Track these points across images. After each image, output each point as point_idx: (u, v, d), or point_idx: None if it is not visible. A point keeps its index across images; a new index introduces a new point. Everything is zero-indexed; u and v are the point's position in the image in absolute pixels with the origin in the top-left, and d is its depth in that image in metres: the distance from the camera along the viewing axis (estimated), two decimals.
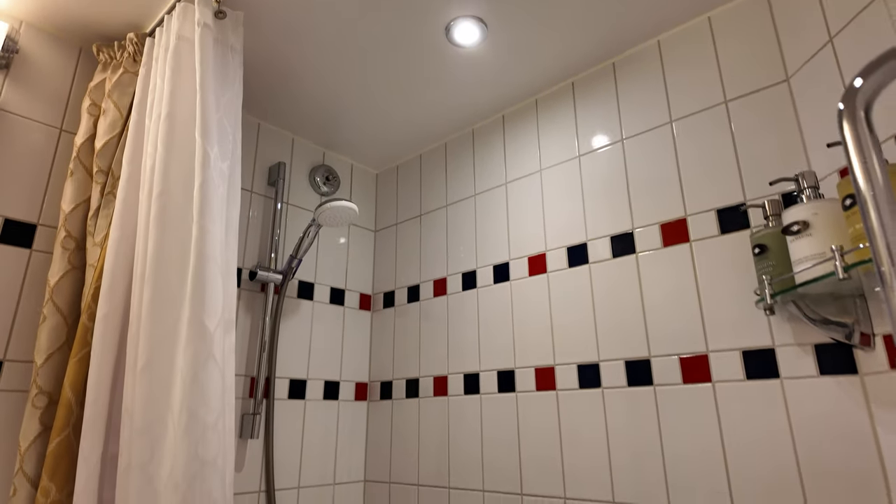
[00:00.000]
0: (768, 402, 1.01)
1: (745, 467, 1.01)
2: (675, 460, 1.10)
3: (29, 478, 1.00)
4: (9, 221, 1.16)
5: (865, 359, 0.92)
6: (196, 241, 0.97)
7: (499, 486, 1.36)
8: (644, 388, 1.18)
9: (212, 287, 0.96)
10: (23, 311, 1.14)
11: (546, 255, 1.43)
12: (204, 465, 0.86)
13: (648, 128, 1.31)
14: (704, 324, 1.12)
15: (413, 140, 1.84)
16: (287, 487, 1.50)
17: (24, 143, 1.21)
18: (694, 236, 1.18)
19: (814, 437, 0.95)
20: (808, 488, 0.94)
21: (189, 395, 0.89)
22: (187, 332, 0.92)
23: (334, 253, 1.81)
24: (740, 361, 1.06)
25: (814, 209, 0.86)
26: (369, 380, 1.80)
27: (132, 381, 0.95)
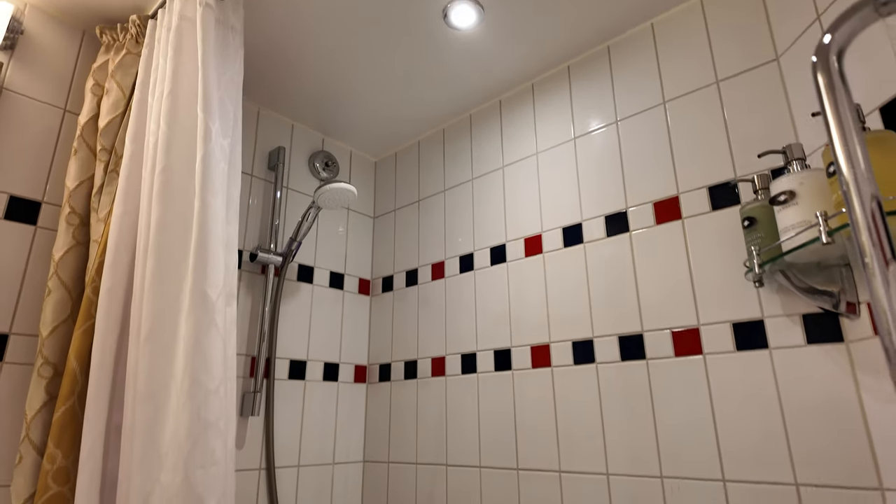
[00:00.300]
0: (757, 371, 1.03)
1: (734, 435, 1.03)
2: (667, 431, 1.12)
3: (35, 445, 1.02)
4: (14, 199, 1.18)
5: (851, 327, 0.94)
6: (198, 214, 0.99)
7: (495, 462, 1.39)
8: (637, 362, 1.20)
9: (213, 258, 0.98)
10: (28, 286, 1.17)
11: (542, 237, 1.45)
12: (207, 426, 0.88)
13: (642, 109, 1.33)
14: (696, 298, 1.14)
15: (411, 127, 1.86)
16: (287, 465, 1.52)
17: (28, 122, 1.23)
18: (686, 213, 1.20)
19: (801, 404, 0.97)
20: (795, 453, 0.96)
21: (191, 362, 0.91)
22: (190, 301, 0.94)
23: (334, 239, 1.83)
24: (730, 333, 1.08)
25: (800, 179, 0.89)
26: (368, 362, 1.82)
27: (135, 350, 0.98)
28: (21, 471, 1.01)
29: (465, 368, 1.54)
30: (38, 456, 1.02)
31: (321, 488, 1.58)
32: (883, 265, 0.47)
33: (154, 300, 0.97)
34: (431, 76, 1.59)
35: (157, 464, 0.89)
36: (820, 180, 0.88)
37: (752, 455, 1.01)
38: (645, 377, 1.18)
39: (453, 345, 1.59)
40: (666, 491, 1.10)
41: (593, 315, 1.30)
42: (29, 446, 1.02)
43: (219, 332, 0.95)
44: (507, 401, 1.41)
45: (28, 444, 1.02)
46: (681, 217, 1.21)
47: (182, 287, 0.98)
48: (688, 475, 1.08)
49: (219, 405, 0.92)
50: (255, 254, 1.55)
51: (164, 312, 0.96)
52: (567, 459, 1.26)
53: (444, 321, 1.63)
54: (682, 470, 1.08)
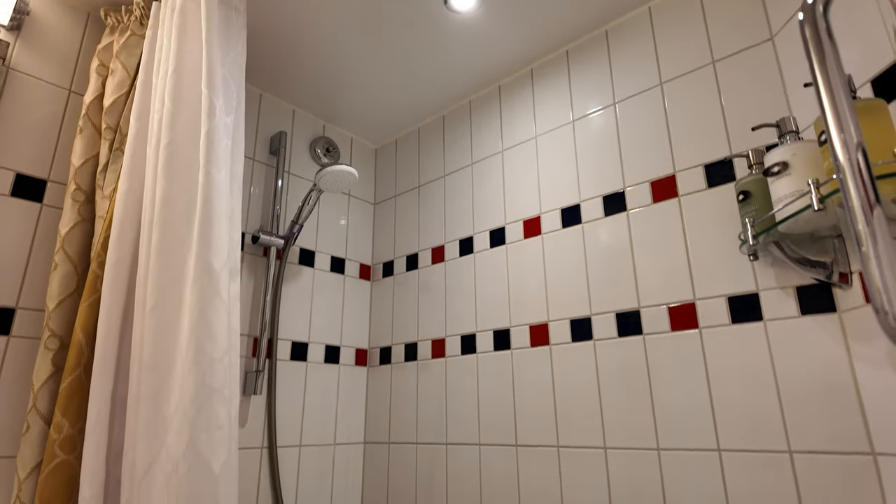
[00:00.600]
0: (752, 343, 1.05)
1: (729, 406, 1.05)
2: (663, 404, 1.14)
3: (42, 415, 1.04)
4: (20, 176, 1.20)
5: (843, 297, 0.96)
6: (202, 188, 1.01)
7: (494, 440, 1.41)
8: (634, 337, 1.22)
9: (218, 231, 1.00)
10: (34, 262, 1.18)
11: (541, 218, 1.47)
12: (212, 392, 0.90)
13: (640, 91, 1.35)
14: (692, 274, 1.16)
15: (411, 113, 1.88)
16: (289, 445, 1.54)
17: (34, 102, 1.25)
18: (682, 191, 1.22)
19: (795, 374, 0.99)
20: (789, 421, 0.98)
21: (196, 331, 0.93)
22: (194, 271, 0.96)
23: (335, 225, 1.85)
24: (726, 307, 1.10)
25: (793, 150, 0.90)
26: (369, 346, 1.84)
27: (141, 321, 1.00)
28: (28, 440, 1.02)
29: (464, 349, 1.55)
30: (44, 425, 1.04)
31: (322, 468, 1.60)
32: (867, 209, 0.49)
33: (159, 272, 0.99)
34: (432, 61, 1.60)
35: (162, 429, 0.91)
36: (812, 151, 0.89)
37: (746, 425, 1.03)
38: (642, 352, 1.20)
39: (453, 326, 1.60)
40: (663, 462, 1.11)
41: (591, 294, 1.32)
42: (36, 416, 1.04)
43: (223, 302, 0.97)
44: (507, 379, 1.43)
45: (35, 414, 1.04)
46: (677, 195, 1.22)
47: (187, 259, 1.00)
48: (684, 446, 1.09)
49: (223, 373, 0.93)
50: (258, 236, 1.57)
51: (169, 284, 0.98)
52: (565, 434, 1.27)
53: (445, 304, 1.65)
54: (679, 441, 1.10)
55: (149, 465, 0.90)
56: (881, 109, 0.80)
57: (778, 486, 0.97)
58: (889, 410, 0.86)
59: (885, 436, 0.87)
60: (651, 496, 1.11)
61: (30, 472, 1.01)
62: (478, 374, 1.50)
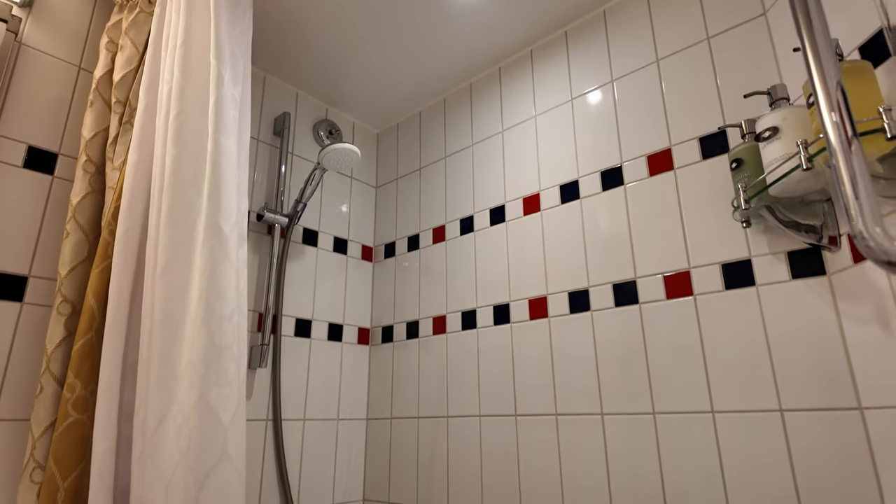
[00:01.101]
0: (745, 308, 1.08)
1: (722, 367, 1.08)
2: (658, 369, 1.17)
3: (55, 376, 1.07)
4: (32, 149, 1.23)
5: (832, 259, 0.99)
6: (211, 154, 1.04)
7: (494, 410, 1.44)
8: (630, 306, 1.25)
9: (227, 195, 1.03)
10: (45, 232, 1.21)
11: (540, 195, 1.50)
12: (222, 349, 0.93)
13: (636, 68, 1.38)
14: (687, 243, 1.19)
15: (413, 97, 1.91)
16: (293, 418, 1.57)
17: (45, 77, 1.28)
18: (678, 164, 1.25)
19: (785, 335, 1.02)
20: (780, 381, 1.01)
21: (206, 291, 0.96)
22: (204, 233, 0.99)
23: (337, 207, 1.88)
24: (720, 274, 1.13)
25: (783, 115, 0.94)
26: (371, 325, 1.87)
27: (151, 285, 1.02)
28: (42, 401, 1.05)
29: (465, 325, 1.58)
30: (57, 387, 1.07)
31: (326, 441, 1.63)
32: (846, 142, 0.52)
33: (169, 236, 1.02)
34: (433, 43, 1.63)
35: (173, 385, 0.94)
36: (802, 115, 0.92)
37: (739, 386, 1.06)
38: (638, 321, 1.23)
39: (454, 303, 1.63)
40: (658, 426, 1.15)
41: (589, 266, 1.35)
42: (49, 378, 1.07)
43: (232, 264, 1.00)
44: (506, 352, 1.46)
45: (48, 376, 1.07)
46: (673, 168, 1.25)
47: (196, 223, 1.02)
48: (678, 409, 1.12)
49: (232, 331, 0.97)
50: (262, 214, 1.60)
51: (179, 247, 1.01)
52: (563, 402, 1.30)
53: (445, 282, 1.68)
54: (673, 405, 1.13)
55: (160, 419, 0.93)
56: (867, 71, 0.83)
57: (769, 444, 1.00)
58: (875, 366, 0.89)
59: (872, 390, 0.90)
60: (647, 459, 1.14)
61: (44, 431, 1.04)
62: (478, 348, 1.53)
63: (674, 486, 1.10)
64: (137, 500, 0.92)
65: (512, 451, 1.37)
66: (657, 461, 1.13)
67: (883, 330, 0.87)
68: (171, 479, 0.88)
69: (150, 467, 0.91)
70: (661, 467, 1.12)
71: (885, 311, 0.87)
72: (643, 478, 1.14)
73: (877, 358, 0.88)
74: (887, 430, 0.86)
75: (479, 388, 1.49)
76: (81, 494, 1.01)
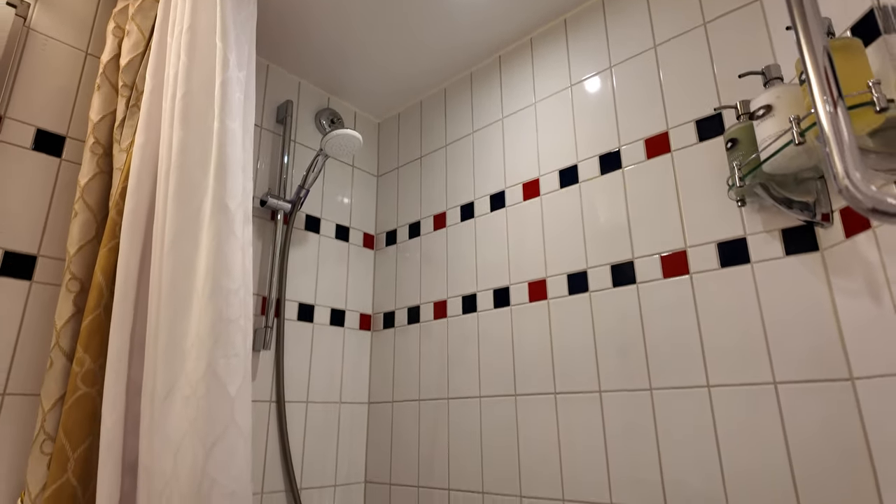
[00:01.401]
0: (740, 284, 1.10)
1: (717, 342, 1.11)
2: (655, 346, 1.19)
3: (64, 351, 1.09)
4: (40, 132, 1.25)
5: (825, 235, 1.01)
6: (217, 134, 1.06)
7: (494, 391, 1.46)
8: (628, 287, 1.27)
9: (232, 175, 1.05)
10: (53, 213, 1.24)
11: (539, 180, 1.53)
12: (229, 322, 0.96)
13: (634, 54, 1.40)
14: (683, 223, 1.22)
15: (413, 86, 1.93)
16: (296, 400, 1.59)
17: (53, 62, 1.30)
18: (675, 146, 1.27)
19: (779, 310, 1.04)
20: (774, 355, 1.03)
21: (213, 266, 0.99)
22: (211, 210, 1.02)
23: (339, 196, 1.90)
24: (715, 252, 1.16)
25: (776, 93, 0.96)
26: (373, 312, 1.89)
27: (159, 262, 1.05)
28: (51, 375, 1.08)
29: (465, 309, 1.61)
30: (67, 361, 1.09)
31: (328, 423, 1.65)
32: (831, 102, 0.54)
33: (176, 214, 1.04)
34: (434, 32, 1.65)
35: (181, 357, 0.96)
36: (794, 93, 0.95)
37: (733, 361, 1.08)
38: (635, 300, 1.25)
39: (454, 288, 1.66)
40: (655, 401, 1.17)
41: (587, 249, 1.37)
42: (59, 352, 1.09)
43: (238, 241, 1.03)
44: (506, 334, 1.48)
45: (58, 351, 1.09)
46: (670, 150, 1.28)
47: (203, 202, 1.05)
48: (675, 385, 1.15)
49: (239, 305, 0.99)
50: (265, 200, 1.62)
51: (185, 225, 1.03)
52: (562, 381, 1.33)
53: (446, 268, 1.70)
54: (670, 381, 1.16)
55: (168, 390, 0.95)
56: (857, 48, 0.85)
57: (763, 416, 1.02)
58: (865, 337, 0.91)
59: (862, 361, 0.92)
60: (643, 434, 1.17)
61: (53, 404, 1.06)
62: (478, 331, 1.55)
63: (670, 458, 1.12)
64: (146, 469, 0.94)
65: (511, 429, 1.39)
66: (654, 436, 1.15)
67: (873, 301, 0.89)
68: (178, 447, 0.91)
69: (158, 437, 0.94)
70: (658, 441, 1.15)
71: (875, 283, 0.89)
72: (640, 451, 1.16)
73: (867, 329, 0.91)
74: (877, 399, 0.89)
75: (479, 370, 1.52)
76: (91, 465, 1.04)
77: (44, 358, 1.16)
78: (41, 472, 1.03)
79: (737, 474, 1.03)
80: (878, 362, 0.88)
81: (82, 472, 1.03)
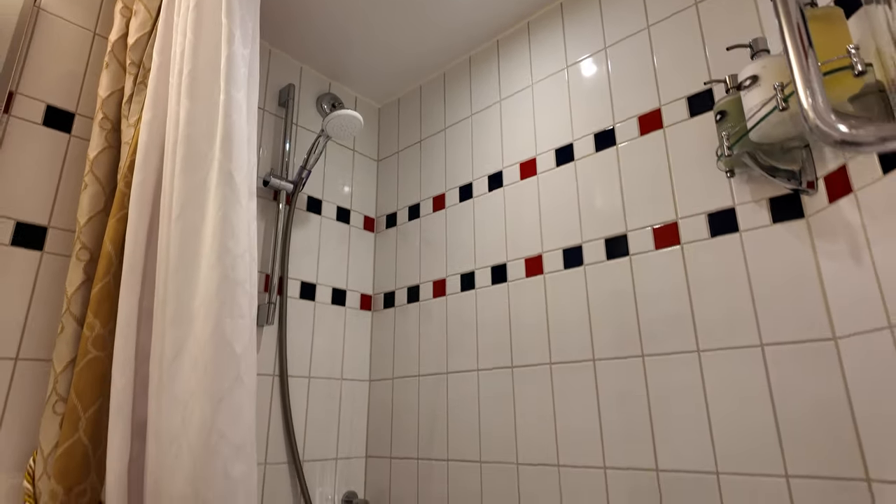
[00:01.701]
0: (729, 252, 1.14)
1: (707, 310, 1.14)
2: (648, 315, 1.23)
3: (75, 316, 1.13)
4: (50, 108, 1.29)
5: (810, 202, 1.05)
6: (223, 106, 1.10)
7: (492, 364, 1.50)
8: (621, 259, 1.31)
9: (238, 145, 1.09)
10: (63, 187, 1.27)
11: (536, 159, 1.56)
12: (235, 284, 0.99)
13: (629, 34, 1.44)
14: (675, 196, 1.25)
15: (413, 72, 1.96)
16: (299, 375, 1.63)
17: (62, 41, 1.34)
18: (667, 122, 1.31)
19: (766, 276, 1.08)
20: (761, 318, 1.07)
21: (220, 231, 1.02)
22: (217, 180, 1.05)
23: (340, 179, 1.94)
24: (706, 223, 1.19)
25: (762, 64, 0.99)
26: (373, 292, 1.93)
27: (167, 230, 1.08)
28: (63, 338, 1.11)
29: (464, 286, 1.64)
30: (77, 326, 1.13)
31: (330, 398, 1.69)
32: (802, 51, 0.57)
33: (183, 184, 1.07)
34: (434, 18, 1.69)
35: (189, 320, 1.00)
36: (780, 63, 0.98)
37: (722, 325, 1.12)
38: (628, 271, 1.29)
39: (453, 267, 1.69)
40: (647, 367, 1.21)
41: (582, 224, 1.41)
42: (70, 318, 1.13)
43: (243, 209, 1.06)
44: (503, 309, 1.52)
45: (69, 316, 1.13)
46: (662, 126, 1.31)
47: (209, 172, 1.08)
48: (666, 351, 1.18)
49: (245, 268, 1.02)
50: (268, 180, 1.65)
51: (193, 194, 1.07)
52: (557, 352, 1.37)
53: (445, 248, 1.74)
54: (662, 347, 1.19)
55: (176, 352, 0.99)
56: (838, 17, 0.88)
57: (751, 377, 1.06)
58: (847, 297, 0.95)
59: (844, 320, 0.96)
60: (636, 399, 1.20)
61: (65, 367, 1.10)
62: (476, 306, 1.59)
63: (662, 421, 1.16)
64: (155, 428, 0.98)
65: (508, 399, 1.43)
66: (646, 401, 1.19)
67: (855, 262, 0.93)
68: (186, 404, 0.94)
69: (166, 397, 0.97)
70: (650, 405, 1.18)
71: (856, 245, 0.93)
72: (633, 416, 1.20)
73: (849, 289, 0.94)
74: (858, 356, 0.92)
75: (477, 344, 1.55)
76: (101, 425, 1.07)
77: (54, 325, 1.19)
78: (53, 432, 1.07)
79: (725, 433, 1.07)
80: (859, 320, 0.92)
81: (93, 432, 1.07)
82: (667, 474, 1.13)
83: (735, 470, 1.05)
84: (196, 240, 1.05)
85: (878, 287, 0.88)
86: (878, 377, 0.88)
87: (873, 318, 0.89)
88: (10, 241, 1.18)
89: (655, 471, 1.15)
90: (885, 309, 0.86)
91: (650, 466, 1.16)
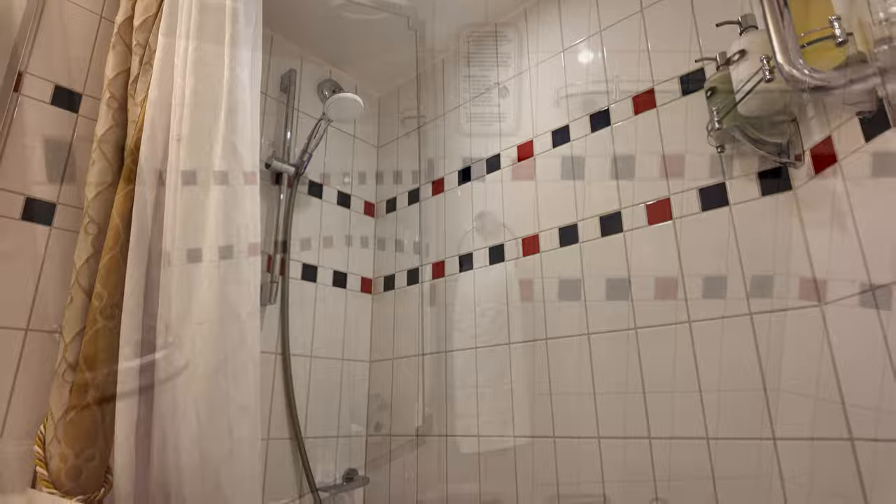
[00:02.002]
0: (719, 225, 1.17)
1: (697, 280, 1.18)
2: (640, 288, 1.26)
3: (83, 288, 1.16)
4: (58, 88, 1.32)
5: (797, 175, 1.08)
6: (227, 81, 1.13)
7: (490, 341, 1.53)
8: (615, 235, 1.34)
9: (242, 118, 1.12)
10: (71, 165, 1.31)
11: (533, 142, 1.59)
12: (239, 252, 1.03)
13: (623, 17, 1.47)
14: (667, 173, 1.28)
15: (411, 60, 2.00)
16: (301, 354, 1.66)
17: (69, 24, 1.37)
18: (660, 102, 1.34)
19: (755, 245, 1.11)
20: (750, 286, 1.10)
21: (224, 202, 1.06)
22: (221, 152, 1.09)
23: (341, 164, 1.97)
24: (697, 198, 1.22)
25: (750, 38, 1.03)
26: (374, 275, 1.96)
27: (172, 202, 1.12)
28: (72, 309, 1.14)
29: (462, 267, 1.68)
30: (86, 297, 1.16)
31: (331, 376, 1.72)
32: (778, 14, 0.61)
33: (189, 156, 1.11)
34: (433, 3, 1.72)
35: (194, 286, 1.03)
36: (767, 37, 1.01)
37: (713, 297, 1.15)
38: (622, 247, 1.32)
39: (452, 249, 1.73)
40: (640, 339, 1.24)
41: (577, 203, 1.44)
42: (78, 289, 1.16)
43: (247, 179, 1.09)
44: (500, 288, 1.55)
45: (77, 287, 1.16)
46: (655, 106, 1.34)
47: (214, 145, 1.12)
48: (657, 323, 1.22)
49: (248, 237, 1.06)
50: (270, 163, 1.69)
51: (198, 164, 1.10)
52: (553, 328, 1.40)
53: (445, 230, 1.77)
54: (653, 319, 1.23)
55: (183, 318, 1.02)
56: None
57: (739, 343, 1.09)
58: (832, 262, 0.98)
59: (830, 286, 0.99)
60: (628, 368, 1.24)
61: (74, 336, 1.13)
62: (475, 286, 1.62)
63: (654, 387, 1.19)
64: (161, 390, 1.02)
65: (505, 375, 1.46)
66: (639, 370, 1.22)
67: (839, 229, 0.96)
68: (191, 365, 0.98)
69: (172, 361, 1.01)
70: (643, 374, 1.21)
71: (840, 212, 0.96)
72: (626, 384, 1.23)
73: (834, 256, 0.98)
74: (841, 319, 0.96)
75: (475, 322, 1.58)
76: (110, 392, 1.10)
77: (63, 297, 1.22)
78: (63, 398, 1.10)
79: (715, 401, 1.10)
80: (844, 286, 0.95)
81: (102, 398, 1.10)
82: (659, 441, 1.16)
83: (725, 435, 1.08)
84: (201, 209, 1.08)
85: (860, 252, 0.91)
86: (860, 340, 0.91)
87: (856, 284, 0.92)
88: (20, 216, 1.22)
89: (648, 438, 1.18)
90: (867, 272, 0.89)
91: (643, 435, 1.19)
